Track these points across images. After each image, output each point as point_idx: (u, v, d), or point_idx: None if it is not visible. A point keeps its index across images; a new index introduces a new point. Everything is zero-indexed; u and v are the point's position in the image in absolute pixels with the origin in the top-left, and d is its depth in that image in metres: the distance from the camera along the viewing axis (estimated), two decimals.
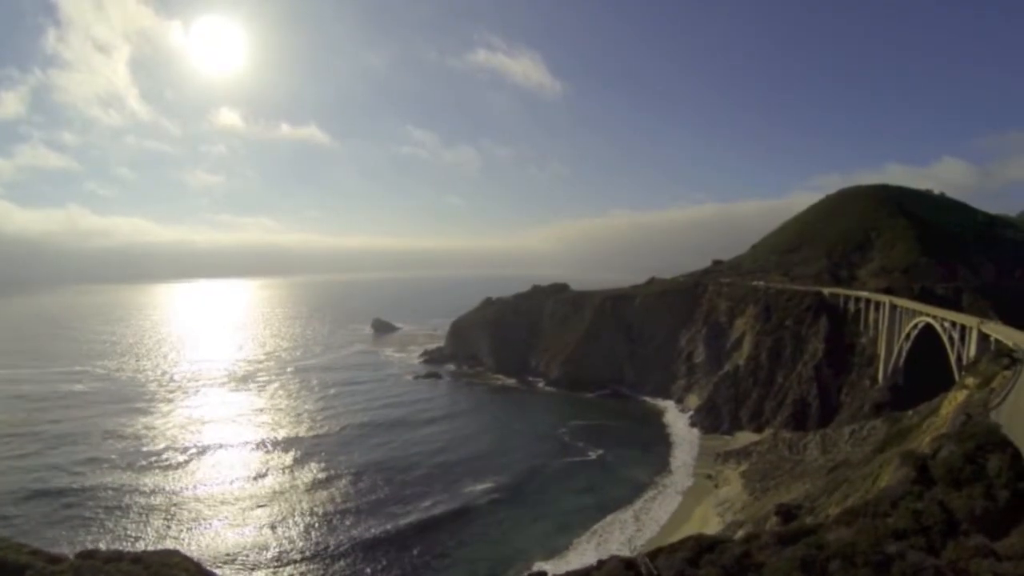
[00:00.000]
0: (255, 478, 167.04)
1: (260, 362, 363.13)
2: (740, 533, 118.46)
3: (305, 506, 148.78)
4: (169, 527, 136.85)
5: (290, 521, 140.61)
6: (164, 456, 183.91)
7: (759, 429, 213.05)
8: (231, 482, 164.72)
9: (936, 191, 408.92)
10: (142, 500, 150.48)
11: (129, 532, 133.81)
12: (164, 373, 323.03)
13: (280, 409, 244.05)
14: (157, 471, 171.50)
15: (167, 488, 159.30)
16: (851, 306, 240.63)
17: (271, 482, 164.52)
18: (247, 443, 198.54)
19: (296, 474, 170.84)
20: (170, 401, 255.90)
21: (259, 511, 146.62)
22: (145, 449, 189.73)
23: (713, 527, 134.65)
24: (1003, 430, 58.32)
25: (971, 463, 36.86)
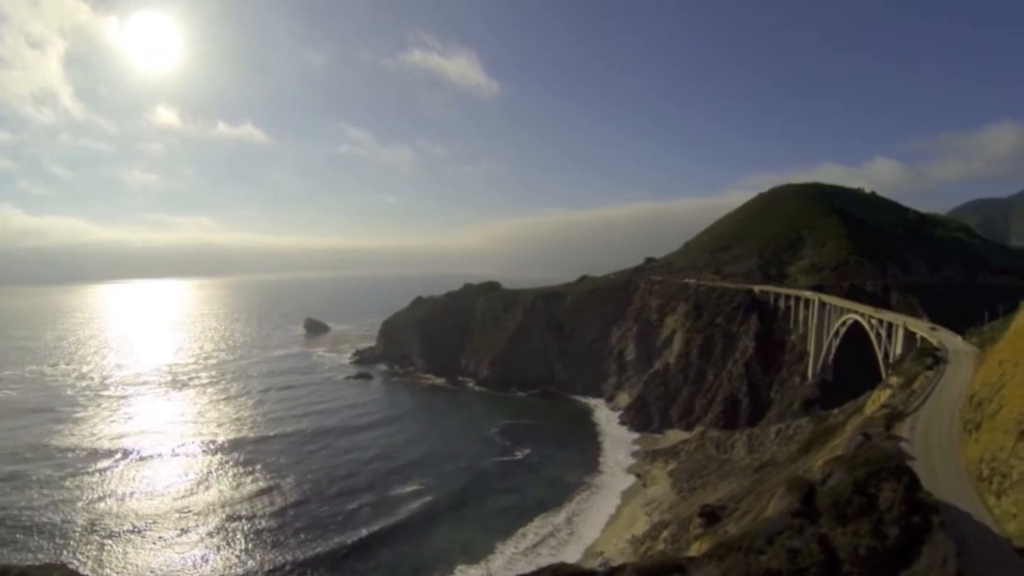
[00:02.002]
0: (182, 491, 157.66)
1: (192, 365, 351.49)
2: (665, 533, 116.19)
3: (233, 520, 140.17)
4: (88, 543, 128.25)
5: (216, 537, 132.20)
6: (89, 468, 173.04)
7: (690, 427, 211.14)
8: (158, 496, 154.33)
9: (868, 190, 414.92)
10: (57, 517, 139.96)
11: (44, 548, 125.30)
12: (95, 378, 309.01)
13: (212, 415, 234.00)
14: (81, 484, 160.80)
15: (89, 502, 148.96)
16: (781, 304, 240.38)
17: (200, 495, 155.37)
18: (176, 453, 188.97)
19: (225, 486, 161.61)
20: (99, 407, 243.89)
21: (185, 523, 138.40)
22: (70, 459, 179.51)
23: (641, 527, 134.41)
24: (912, 447, 55.47)
25: (861, 494, 31.85)
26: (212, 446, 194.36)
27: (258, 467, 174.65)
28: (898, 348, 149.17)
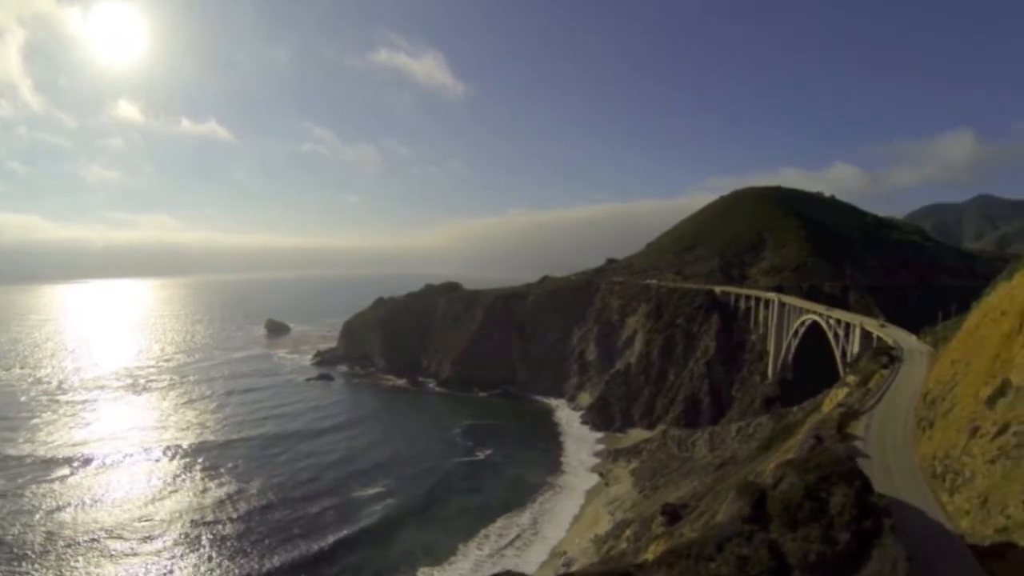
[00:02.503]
0: (144, 499, 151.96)
1: (153, 368, 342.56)
2: (627, 532, 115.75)
3: (197, 528, 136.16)
4: (47, 556, 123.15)
5: (181, 546, 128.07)
6: (47, 477, 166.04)
7: (651, 426, 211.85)
8: (119, 505, 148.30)
9: (828, 194, 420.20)
10: (13, 530, 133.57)
11: None
12: (52, 382, 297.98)
13: (173, 420, 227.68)
14: (37, 495, 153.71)
15: (47, 513, 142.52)
16: (742, 304, 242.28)
17: (162, 503, 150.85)
18: (137, 459, 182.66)
19: (188, 493, 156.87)
20: (57, 412, 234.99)
21: (148, 532, 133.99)
22: (26, 468, 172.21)
23: (604, 526, 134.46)
24: (867, 445, 56.12)
25: (812, 499, 31.28)
26: (174, 452, 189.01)
27: (221, 473, 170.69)
28: (855, 347, 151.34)
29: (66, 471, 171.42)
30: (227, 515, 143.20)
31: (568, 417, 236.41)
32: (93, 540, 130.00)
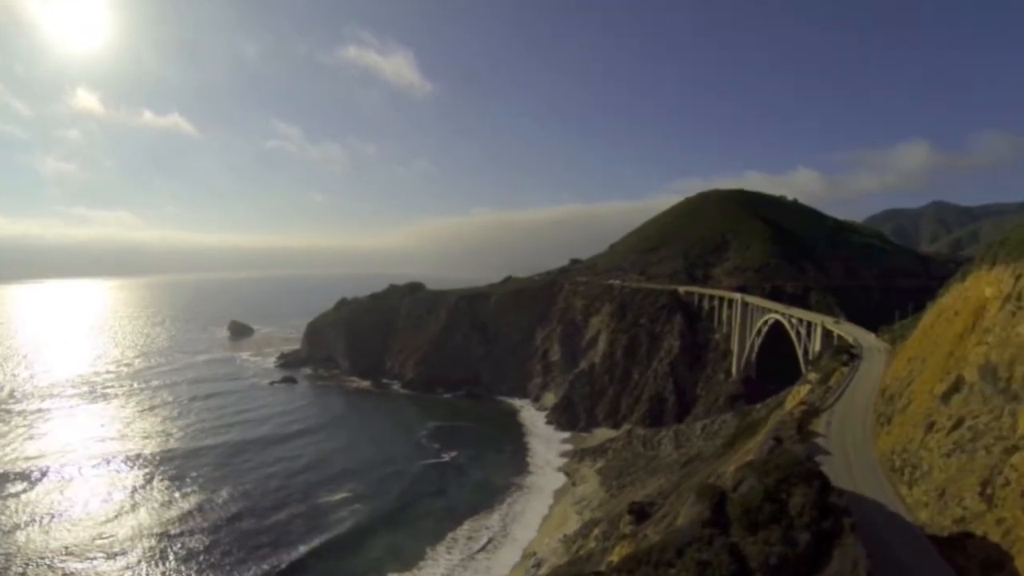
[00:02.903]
0: (106, 514, 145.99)
1: (113, 373, 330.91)
2: (595, 531, 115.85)
3: (163, 542, 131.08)
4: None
5: (145, 563, 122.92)
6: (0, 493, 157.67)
7: (616, 425, 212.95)
8: (79, 521, 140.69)
9: (790, 197, 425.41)
10: None
11: None
12: (3, 389, 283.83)
13: (135, 428, 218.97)
14: None
15: (2, 533, 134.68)
16: (705, 304, 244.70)
17: (125, 518, 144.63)
18: (97, 472, 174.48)
19: (152, 505, 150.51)
20: (9, 423, 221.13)
21: (110, 548, 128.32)
22: None
23: (572, 525, 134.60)
24: (828, 441, 56.91)
25: (772, 501, 31.23)
26: (135, 462, 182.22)
27: (185, 482, 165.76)
28: (817, 345, 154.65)
29: (20, 487, 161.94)
30: (194, 527, 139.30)
31: (533, 417, 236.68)
32: (52, 561, 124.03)
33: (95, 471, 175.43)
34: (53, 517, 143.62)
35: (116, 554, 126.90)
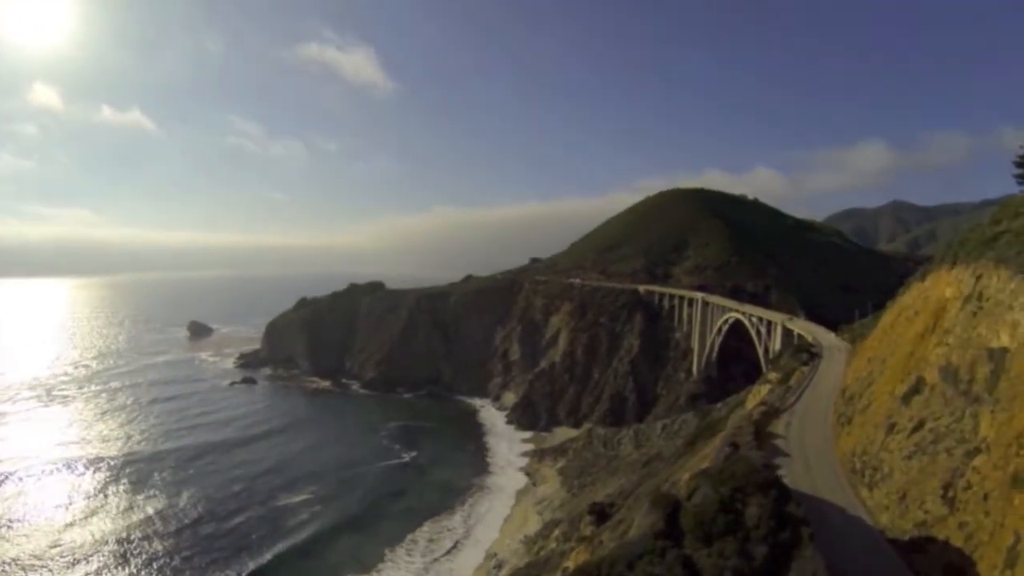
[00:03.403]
0: (63, 522, 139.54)
1: (70, 375, 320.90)
2: (556, 532, 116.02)
3: (123, 550, 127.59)
4: None
5: (106, 573, 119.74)
6: None
7: (577, 424, 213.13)
8: (36, 530, 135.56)
9: (751, 197, 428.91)
10: None
11: None
12: None
13: (92, 432, 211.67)
14: None
15: None
16: (666, 303, 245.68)
17: (83, 526, 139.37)
18: (54, 478, 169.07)
19: (111, 512, 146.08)
20: None
21: (69, 558, 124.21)
22: None
23: (533, 526, 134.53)
24: (788, 443, 56.24)
25: (727, 511, 29.79)
26: (94, 467, 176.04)
27: (145, 488, 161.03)
28: (777, 344, 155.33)
29: None
30: (153, 532, 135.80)
31: (493, 417, 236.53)
32: (8, 570, 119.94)
33: (52, 477, 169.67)
34: (8, 525, 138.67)
35: (75, 562, 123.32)
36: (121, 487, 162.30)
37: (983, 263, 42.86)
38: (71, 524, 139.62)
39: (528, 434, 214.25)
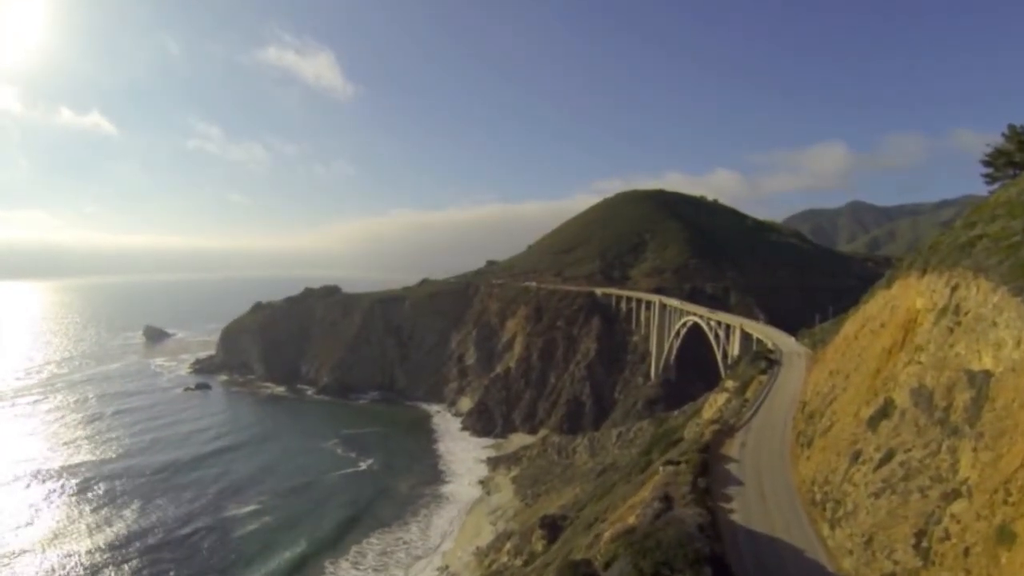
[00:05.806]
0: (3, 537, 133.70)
1: (20, 381, 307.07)
2: (508, 545, 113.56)
3: (68, 564, 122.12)
4: None
5: None
6: None
7: (533, 430, 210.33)
8: None
9: (710, 198, 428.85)
10: None
11: None
12: None
13: (41, 441, 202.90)
14: None
15: None
16: (623, 306, 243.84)
17: (26, 537, 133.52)
18: None
19: (56, 525, 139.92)
20: None
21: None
22: None
23: (486, 537, 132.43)
24: (741, 467, 52.08)
25: None
26: (41, 477, 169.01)
27: (90, 499, 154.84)
28: (735, 348, 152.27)
29: None
30: (98, 546, 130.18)
31: (448, 423, 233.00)
32: None
33: None
34: None
35: None
36: (68, 498, 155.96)
37: (959, 272, 37.96)
38: (11, 541, 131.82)
39: (484, 440, 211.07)
